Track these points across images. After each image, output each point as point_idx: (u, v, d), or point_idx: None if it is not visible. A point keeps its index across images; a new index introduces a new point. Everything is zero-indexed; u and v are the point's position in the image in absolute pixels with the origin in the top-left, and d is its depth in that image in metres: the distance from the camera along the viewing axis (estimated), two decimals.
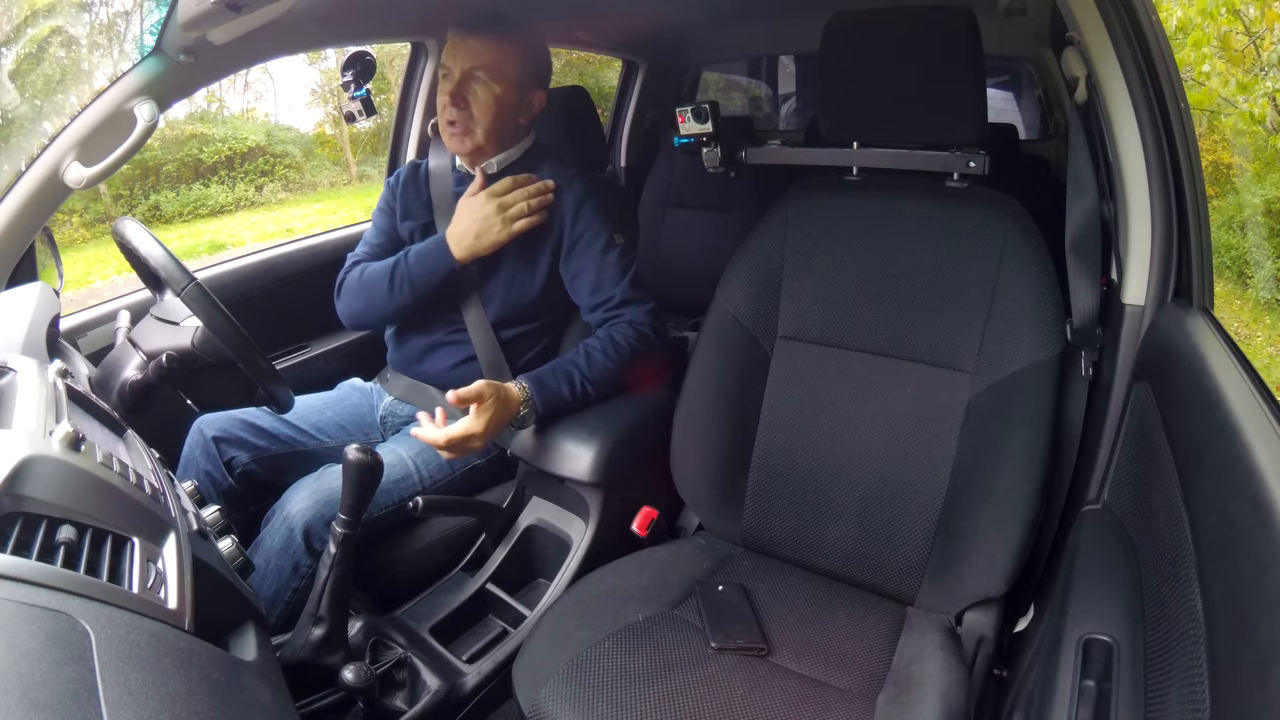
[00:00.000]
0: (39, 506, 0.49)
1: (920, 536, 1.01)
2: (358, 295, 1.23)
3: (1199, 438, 0.63)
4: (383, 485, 0.97)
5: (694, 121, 1.27)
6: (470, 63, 1.15)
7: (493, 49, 1.16)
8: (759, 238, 1.14)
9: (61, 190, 1.02)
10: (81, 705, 0.38)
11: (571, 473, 1.09)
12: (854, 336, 1.08)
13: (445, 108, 1.18)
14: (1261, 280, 3.86)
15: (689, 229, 2.23)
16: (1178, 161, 0.86)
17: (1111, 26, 0.83)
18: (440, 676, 0.99)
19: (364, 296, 1.22)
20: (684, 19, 2.10)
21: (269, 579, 1.05)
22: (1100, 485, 0.92)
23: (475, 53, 1.15)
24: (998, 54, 2.32)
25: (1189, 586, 0.55)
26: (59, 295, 1.01)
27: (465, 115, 1.17)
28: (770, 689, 0.84)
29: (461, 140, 1.19)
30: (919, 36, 1.01)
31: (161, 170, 6.92)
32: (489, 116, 1.17)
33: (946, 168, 1.05)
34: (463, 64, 1.16)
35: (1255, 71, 3.59)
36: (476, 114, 1.17)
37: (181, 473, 1.14)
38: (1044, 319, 0.96)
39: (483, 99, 1.16)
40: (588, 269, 1.19)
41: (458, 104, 1.16)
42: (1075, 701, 0.64)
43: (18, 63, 2.92)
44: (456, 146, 1.21)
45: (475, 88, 1.16)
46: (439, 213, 1.26)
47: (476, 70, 1.15)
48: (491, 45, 1.16)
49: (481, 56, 1.15)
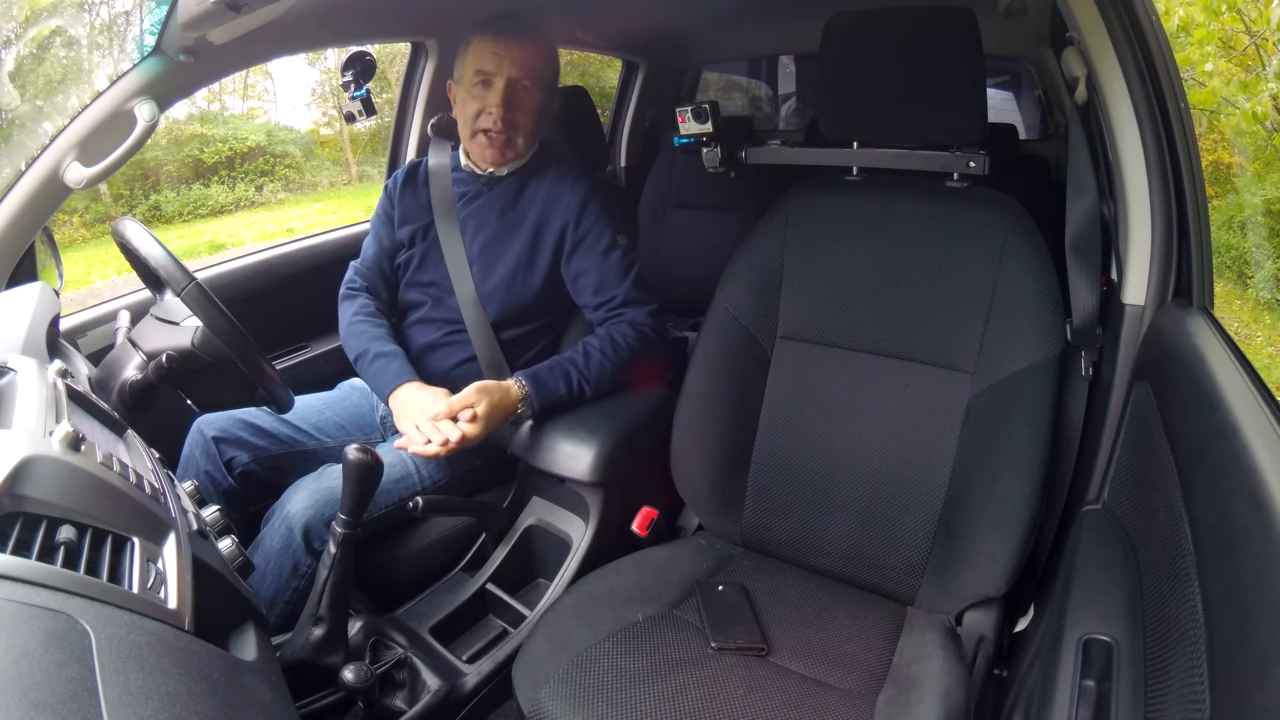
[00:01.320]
0: (39, 506, 0.49)
1: (920, 536, 1.01)
2: (344, 337, 1.25)
3: (1199, 438, 0.63)
4: (383, 485, 0.97)
5: (694, 121, 1.27)
6: (518, 70, 1.13)
7: (536, 56, 1.14)
8: (759, 238, 1.14)
9: (61, 190, 1.02)
10: (81, 705, 0.38)
11: (571, 473, 1.09)
12: (854, 336, 1.08)
13: (484, 116, 1.15)
14: (1261, 280, 3.86)
15: (689, 229, 2.23)
16: (1178, 161, 0.86)
17: (1111, 26, 0.83)
18: (440, 676, 0.99)
19: (346, 346, 1.24)
20: (684, 19, 2.10)
21: (268, 579, 1.05)
22: (1100, 485, 0.92)
23: (522, 60, 1.13)
24: (998, 54, 2.32)
25: (1189, 586, 0.55)
26: (59, 295, 1.01)
27: (511, 125, 1.15)
28: (770, 689, 0.84)
29: (503, 151, 1.18)
30: (919, 36, 1.01)
31: (162, 170, 6.93)
32: (533, 123, 1.16)
33: (946, 168, 1.05)
34: (510, 72, 1.13)
35: (1257, 71, 3.59)
36: (521, 123, 1.15)
37: (181, 473, 1.14)
38: (1044, 319, 0.96)
39: (528, 107, 1.15)
40: (590, 269, 1.19)
41: (507, 116, 1.14)
42: (1075, 701, 0.64)
43: (18, 63, 2.92)
44: (496, 157, 1.19)
45: (522, 97, 1.14)
46: (439, 214, 1.26)
47: (524, 79, 1.14)
48: (534, 52, 1.14)
49: (529, 64, 1.14)
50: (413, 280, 1.28)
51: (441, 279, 1.24)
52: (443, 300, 1.24)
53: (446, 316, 1.24)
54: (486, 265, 1.21)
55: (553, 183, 1.22)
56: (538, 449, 1.12)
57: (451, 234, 1.24)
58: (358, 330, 1.23)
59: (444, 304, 1.24)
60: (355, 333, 1.22)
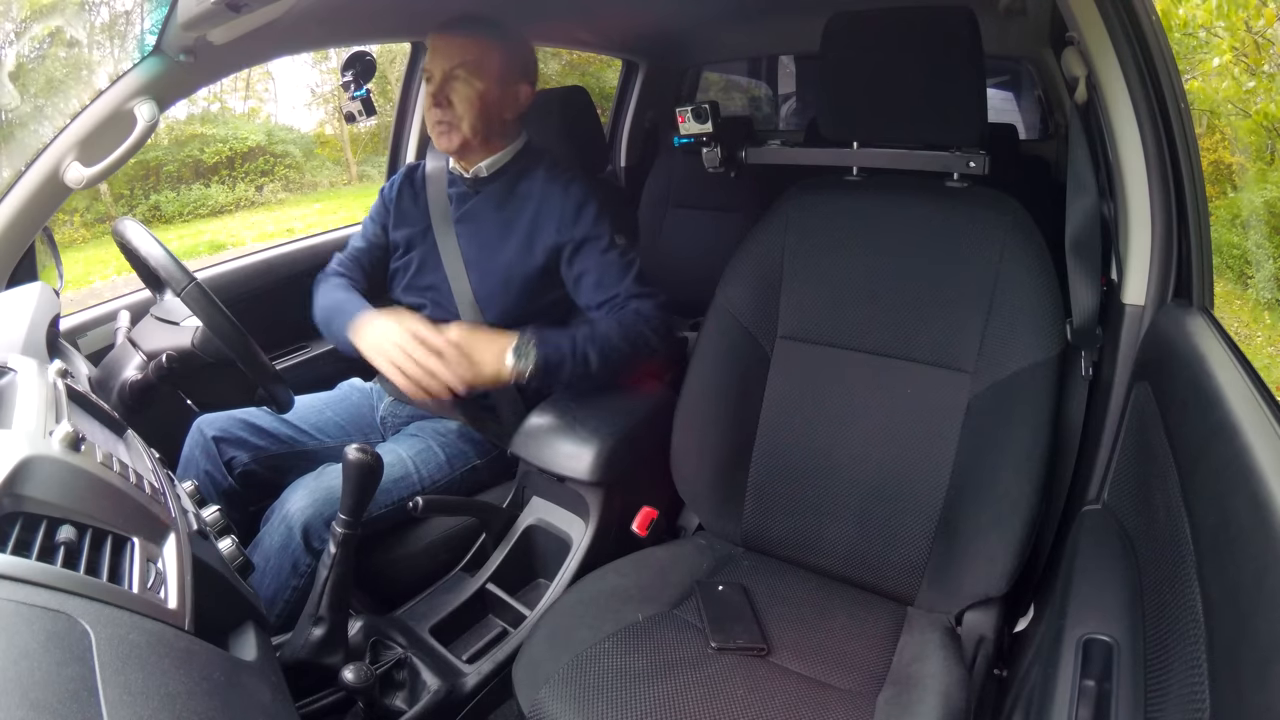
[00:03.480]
0: (39, 506, 0.49)
1: (920, 536, 1.01)
2: (315, 312, 1.25)
3: (1199, 437, 0.63)
4: (382, 485, 0.97)
5: (694, 121, 1.27)
6: (450, 62, 1.16)
7: (471, 46, 1.16)
8: (759, 238, 1.14)
9: (61, 190, 1.02)
10: (81, 705, 0.38)
11: (571, 472, 1.09)
12: (854, 336, 1.08)
13: (430, 109, 1.18)
14: (1262, 280, 3.85)
15: (689, 229, 2.23)
16: (1178, 161, 0.86)
17: (1111, 26, 0.83)
18: (440, 676, 0.99)
19: (317, 319, 1.24)
20: (684, 19, 2.10)
21: (268, 578, 1.05)
22: (1100, 485, 0.92)
23: (454, 51, 1.16)
24: (998, 54, 2.32)
25: (1189, 586, 0.55)
26: (59, 295, 1.01)
27: (449, 113, 1.17)
28: (770, 689, 0.84)
29: (448, 137, 1.19)
30: (919, 36, 1.01)
31: (162, 170, 6.93)
32: (473, 112, 1.17)
33: (946, 168, 1.05)
34: (443, 64, 1.16)
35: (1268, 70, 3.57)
36: (460, 110, 1.17)
37: (181, 473, 1.14)
38: (1044, 319, 0.96)
39: (465, 95, 1.16)
40: (590, 270, 1.19)
41: (440, 103, 1.17)
42: (1075, 701, 0.64)
43: (18, 63, 2.92)
44: (444, 144, 1.21)
45: (457, 85, 1.16)
46: (436, 217, 1.26)
47: (456, 69, 1.16)
48: (470, 42, 1.16)
49: (462, 54, 1.15)
50: (411, 284, 1.28)
51: (439, 282, 1.24)
52: (441, 302, 1.24)
53: (445, 318, 1.23)
54: (483, 269, 1.21)
55: (545, 185, 1.22)
56: (538, 448, 1.12)
57: (448, 237, 1.24)
58: (322, 295, 1.24)
59: (443, 306, 1.24)
60: (321, 302, 1.24)
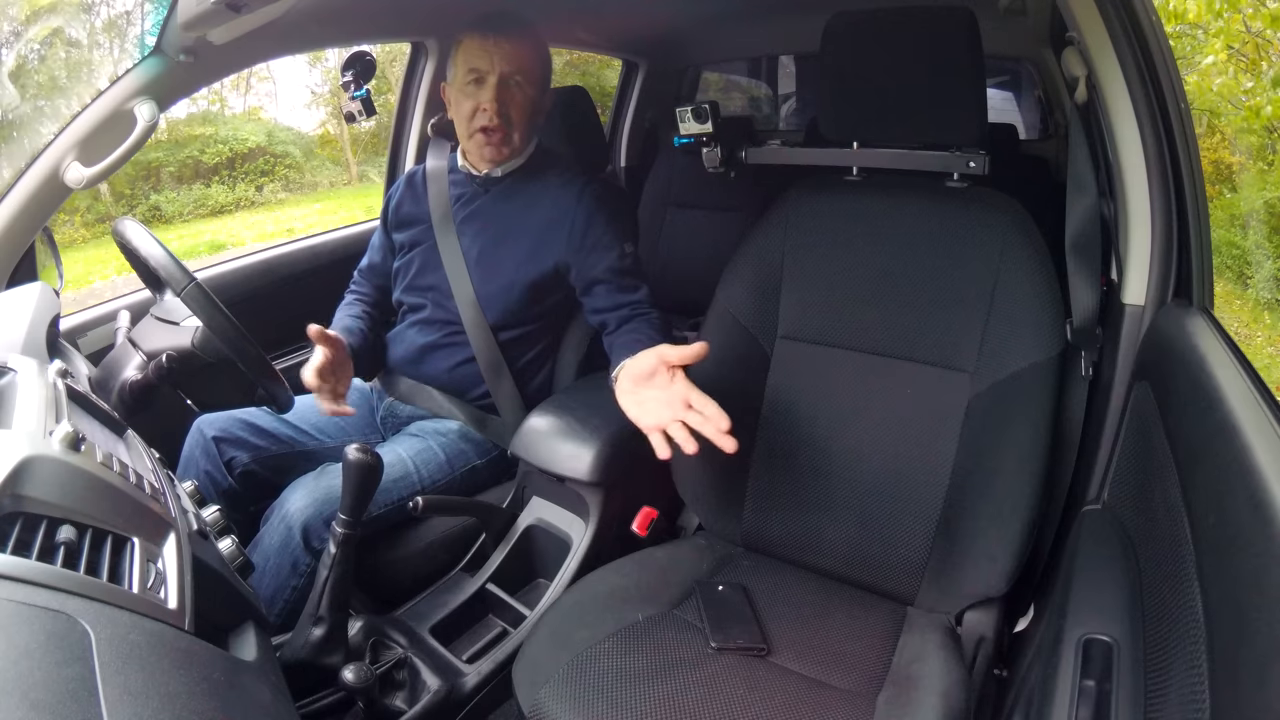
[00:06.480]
0: (39, 506, 0.49)
1: (920, 536, 1.01)
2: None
3: (1199, 438, 0.63)
4: (382, 485, 0.97)
5: (694, 121, 1.27)
6: (508, 66, 1.13)
7: (527, 51, 1.14)
8: (759, 238, 1.14)
9: (61, 190, 1.02)
10: (81, 705, 0.38)
11: (571, 472, 1.09)
12: (854, 336, 1.08)
13: (480, 114, 1.15)
14: (1261, 280, 3.86)
15: (689, 229, 2.23)
16: (1178, 161, 0.86)
17: (1111, 26, 0.83)
18: (440, 676, 0.99)
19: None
20: (684, 19, 2.10)
21: (268, 577, 1.05)
22: (1100, 485, 0.92)
23: (511, 55, 1.13)
24: (998, 54, 2.32)
25: (1189, 586, 0.55)
26: (59, 295, 1.01)
27: (506, 120, 1.15)
28: (770, 689, 0.84)
29: (499, 149, 1.18)
30: (919, 36, 1.01)
31: (162, 170, 6.93)
32: (525, 120, 1.16)
33: (946, 168, 1.05)
34: (501, 67, 1.13)
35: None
36: (515, 119, 1.15)
37: (181, 473, 1.14)
38: (1044, 319, 0.96)
39: (520, 103, 1.15)
40: (601, 281, 1.18)
41: (501, 111, 1.14)
42: (1075, 701, 0.64)
43: (18, 63, 2.92)
44: (494, 155, 1.19)
45: (514, 93, 1.14)
46: (436, 217, 1.25)
47: (515, 75, 1.14)
48: (525, 47, 1.14)
49: (519, 59, 1.13)
50: (413, 284, 1.28)
51: (440, 282, 1.24)
52: (442, 303, 1.24)
53: (446, 318, 1.24)
54: (486, 269, 1.21)
55: (558, 190, 1.21)
56: (538, 448, 1.12)
57: (449, 237, 1.24)
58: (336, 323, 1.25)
59: (443, 306, 1.24)
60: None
